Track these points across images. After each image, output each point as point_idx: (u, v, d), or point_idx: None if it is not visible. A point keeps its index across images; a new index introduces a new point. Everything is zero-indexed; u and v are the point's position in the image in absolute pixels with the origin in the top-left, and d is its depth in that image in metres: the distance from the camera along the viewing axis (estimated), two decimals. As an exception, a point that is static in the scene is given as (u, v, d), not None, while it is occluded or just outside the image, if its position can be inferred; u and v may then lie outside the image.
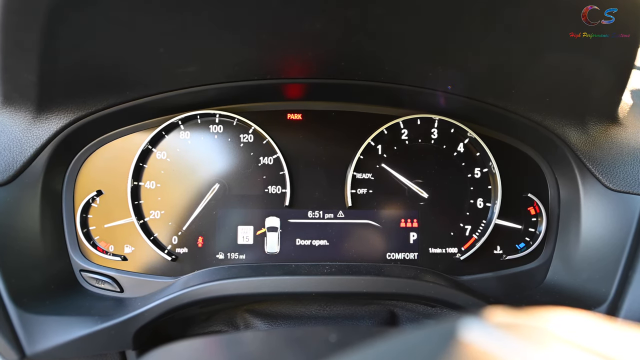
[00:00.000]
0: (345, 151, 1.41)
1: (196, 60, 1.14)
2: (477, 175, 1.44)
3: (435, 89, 1.32)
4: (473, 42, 1.04)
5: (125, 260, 1.36)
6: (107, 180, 1.36)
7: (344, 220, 1.42)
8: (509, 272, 1.43)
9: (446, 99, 1.35)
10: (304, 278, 1.23)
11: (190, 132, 1.40)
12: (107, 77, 1.14)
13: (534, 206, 1.45)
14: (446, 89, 1.30)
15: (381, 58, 1.20)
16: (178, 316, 1.25)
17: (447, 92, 1.32)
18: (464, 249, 1.42)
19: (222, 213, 1.38)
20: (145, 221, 1.37)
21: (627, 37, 0.92)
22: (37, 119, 1.16)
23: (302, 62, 1.23)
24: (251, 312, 1.38)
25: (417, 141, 1.44)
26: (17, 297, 1.10)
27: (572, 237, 1.38)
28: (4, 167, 1.15)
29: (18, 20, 0.81)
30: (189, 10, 0.88)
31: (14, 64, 0.96)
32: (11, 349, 1.09)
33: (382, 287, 1.22)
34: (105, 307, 1.25)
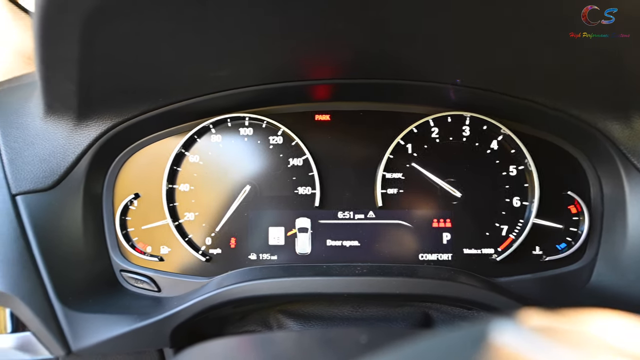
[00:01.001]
0: (375, 151, 1.40)
1: (226, 65, 1.16)
2: (513, 173, 1.39)
3: (465, 86, 1.28)
4: (503, 35, 1.00)
5: (162, 261, 1.40)
6: (144, 184, 1.41)
7: (374, 221, 1.41)
8: (549, 273, 1.37)
9: (476, 95, 1.31)
10: (335, 279, 1.23)
11: (221, 135, 1.43)
12: (141, 84, 1.18)
13: (575, 204, 1.39)
14: (476, 85, 1.27)
15: (409, 56, 1.18)
16: (213, 316, 1.28)
17: (477, 88, 1.28)
18: (501, 250, 1.38)
19: (254, 214, 1.40)
20: (180, 223, 1.41)
21: (627, 37, 0.90)
22: (77, 126, 1.22)
23: (329, 63, 1.23)
24: (284, 312, 1.39)
25: (448, 139, 1.41)
26: (63, 296, 1.16)
27: (617, 236, 1.31)
28: (48, 173, 1.21)
29: (57, 31, 0.85)
30: (220, 17, 0.90)
31: (55, 75, 1.01)
32: (58, 345, 1.15)
33: (415, 289, 1.20)
34: (143, 305, 1.30)
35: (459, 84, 1.28)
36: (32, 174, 1.19)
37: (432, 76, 1.27)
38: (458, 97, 1.34)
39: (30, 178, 1.18)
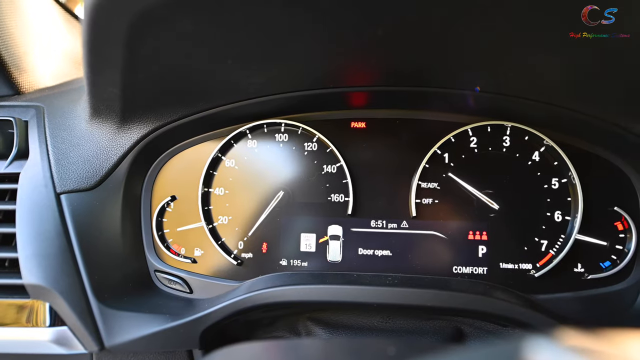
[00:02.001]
0: (410, 160, 1.38)
1: (264, 71, 1.18)
2: (555, 186, 1.34)
3: (505, 94, 1.25)
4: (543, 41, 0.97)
5: (195, 263, 1.42)
6: (181, 186, 1.44)
7: (408, 231, 1.38)
8: (592, 292, 1.30)
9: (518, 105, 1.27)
10: (365, 288, 1.20)
11: (257, 140, 1.44)
12: (181, 89, 1.21)
13: (622, 221, 1.31)
14: (517, 93, 1.23)
15: (446, 63, 1.16)
16: (242, 319, 1.29)
17: (518, 96, 1.24)
18: (540, 266, 1.32)
19: (286, 220, 1.41)
20: (214, 226, 1.43)
21: (627, 37, 0.88)
22: (120, 129, 1.26)
23: (366, 70, 1.23)
24: (313, 320, 1.38)
25: (487, 149, 1.37)
26: (99, 293, 1.19)
27: (668, 256, 1.23)
28: (92, 173, 1.26)
29: (103, 36, 0.89)
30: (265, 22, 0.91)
31: (100, 79, 1.05)
32: (92, 340, 1.18)
33: (447, 302, 1.17)
34: (175, 306, 1.32)
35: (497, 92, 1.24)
36: (76, 174, 1.24)
37: (470, 85, 1.24)
38: (497, 105, 1.30)
39: (75, 178, 1.23)
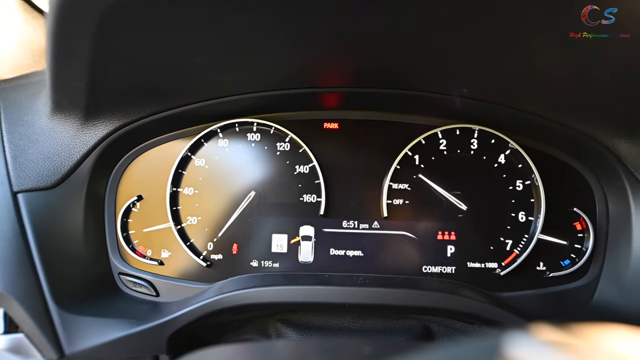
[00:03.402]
0: (382, 161, 1.40)
1: (236, 69, 1.16)
2: (519, 188, 1.39)
3: (473, 98, 1.28)
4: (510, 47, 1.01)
5: (162, 265, 1.38)
6: (148, 186, 1.40)
7: (379, 231, 1.40)
8: (553, 290, 1.36)
9: (485, 109, 1.31)
10: (337, 288, 1.21)
11: (228, 140, 1.42)
12: (150, 86, 1.17)
13: (581, 221, 1.38)
14: (486, 97, 1.27)
15: (419, 66, 1.18)
16: (211, 323, 1.26)
17: (485, 100, 1.28)
18: (505, 264, 1.37)
19: (257, 221, 1.39)
20: (183, 227, 1.39)
21: (627, 37, 0.90)
22: (84, 125, 1.21)
23: (339, 71, 1.23)
24: (283, 321, 1.37)
25: (456, 151, 1.40)
26: (59, 297, 1.13)
27: (622, 254, 1.30)
28: (52, 172, 1.19)
29: (70, 28, 0.84)
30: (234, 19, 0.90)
31: (65, 72, 1.00)
32: (51, 348, 1.12)
33: (417, 301, 1.19)
34: (141, 310, 1.27)
35: (467, 96, 1.28)
36: (35, 172, 1.17)
37: (440, 87, 1.27)
38: (466, 108, 1.33)
39: (33, 176, 1.17)
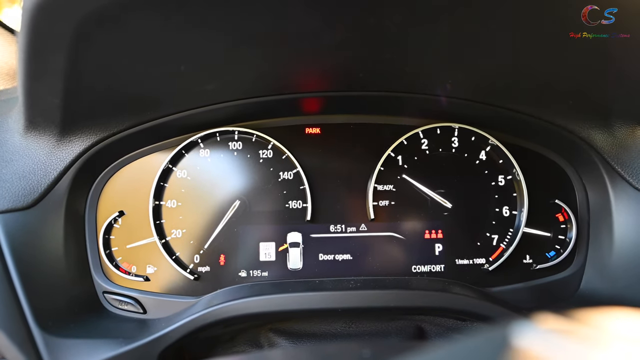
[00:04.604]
0: (366, 163, 1.40)
1: (215, 77, 1.15)
2: (502, 183, 1.41)
3: (452, 97, 1.30)
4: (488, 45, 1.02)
5: (148, 281, 1.35)
6: (129, 201, 1.37)
7: (366, 234, 1.39)
8: (540, 282, 1.38)
9: (465, 107, 1.33)
10: (328, 294, 1.20)
11: (209, 149, 1.40)
12: (128, 98, 1.15)
13: (563, 213, 1.41)
14: (464, 96, 1.29)
15: (398, 68, 1.19)
16: (202, 337, 1.23)
17: (464, 99, 1.30)
18: (492, 259, 1.38)
19: (243, 230, 1.37)
20: (167, 240, 1.36)
21: (627, 37, 0.92)
22: (60, 142, 1.18)
23: (319, 76, 1.23)
24: (275, 331, 1.35)
25: (438, 150, 1.42)
26: (42, 321, 1.09)
27: (604, 243, 1.33)
28: (28, 191, 1.15)
29: (44, 42, 0.82)
30: (209, 27, 0.89)
31: (39, 88, 0.97)
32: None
33: (409, 301, 1.19)
34: (128, 329, 1.24)
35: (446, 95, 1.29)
36: (9, 192, 1.13)
37: (421, 88, 1.28)
38: (446, 108, 1.35)
39: (8, 196, 1.13)
